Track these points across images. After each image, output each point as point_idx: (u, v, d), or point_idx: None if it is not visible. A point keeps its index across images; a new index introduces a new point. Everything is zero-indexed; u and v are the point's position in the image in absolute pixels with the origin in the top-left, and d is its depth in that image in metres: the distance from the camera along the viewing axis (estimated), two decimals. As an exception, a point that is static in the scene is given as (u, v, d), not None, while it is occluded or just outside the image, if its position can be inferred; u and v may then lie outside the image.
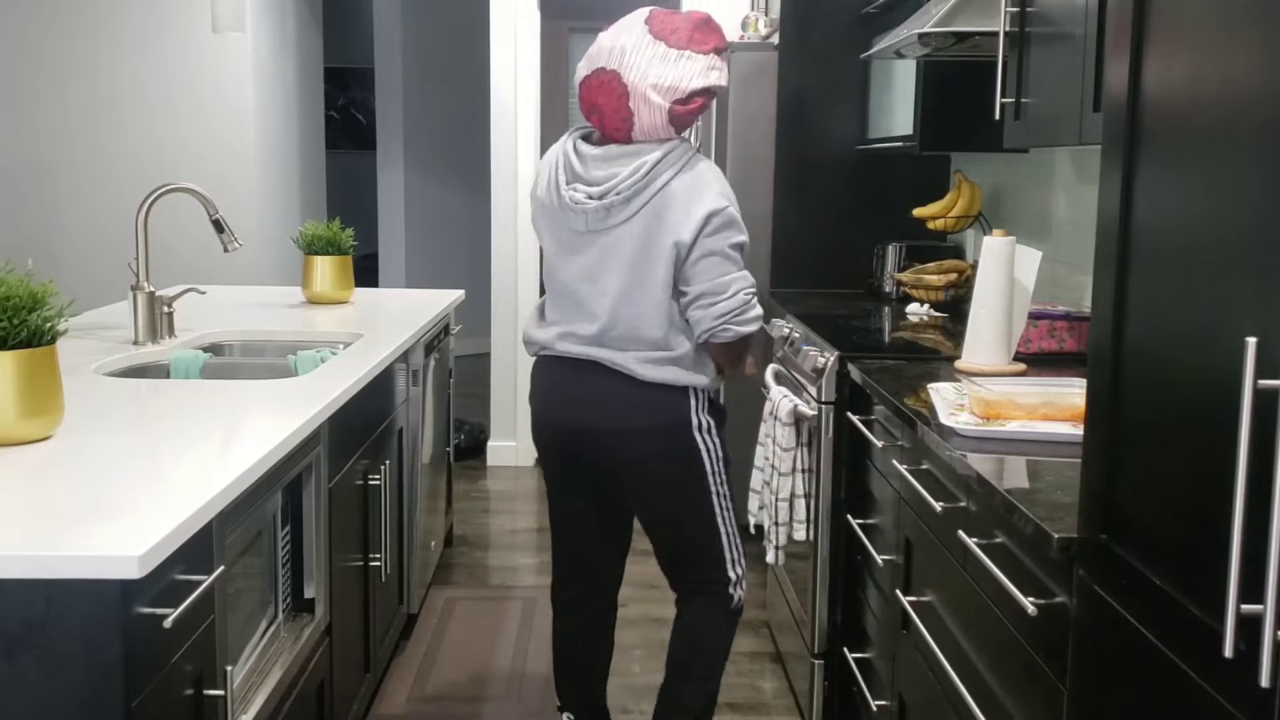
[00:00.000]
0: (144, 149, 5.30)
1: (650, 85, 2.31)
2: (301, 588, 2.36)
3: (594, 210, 2.35)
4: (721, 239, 2.33)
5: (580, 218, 2.37)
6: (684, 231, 2.31)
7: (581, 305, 2.42)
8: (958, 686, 1.89)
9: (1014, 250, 2.59)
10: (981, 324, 2.60)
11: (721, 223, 2.32)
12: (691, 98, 2.34)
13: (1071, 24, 2.21)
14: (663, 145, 2.35)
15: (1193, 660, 1.16)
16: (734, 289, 2.35)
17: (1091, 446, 1.42)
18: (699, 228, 2.31)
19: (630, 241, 2.35)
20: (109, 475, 1.74)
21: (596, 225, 2.36)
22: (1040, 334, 2.78)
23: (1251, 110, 1.09)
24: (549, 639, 3.52)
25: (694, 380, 2.41)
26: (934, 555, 2.13)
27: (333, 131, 8.52)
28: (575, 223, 2.39)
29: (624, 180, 2.32)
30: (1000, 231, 2.61)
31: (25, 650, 1.43)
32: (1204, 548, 1.15)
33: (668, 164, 2.33)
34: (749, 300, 2.38)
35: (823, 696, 2.97)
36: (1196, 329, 1.18)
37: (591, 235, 2.39)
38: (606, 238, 2.37)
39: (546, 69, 5.45)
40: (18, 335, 1.86)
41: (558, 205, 2.40)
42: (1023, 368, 2.60)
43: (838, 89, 4.21)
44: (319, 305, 3.70)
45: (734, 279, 2.35)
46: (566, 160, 2.42)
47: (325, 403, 2.30)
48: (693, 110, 2.34)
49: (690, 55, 2.33)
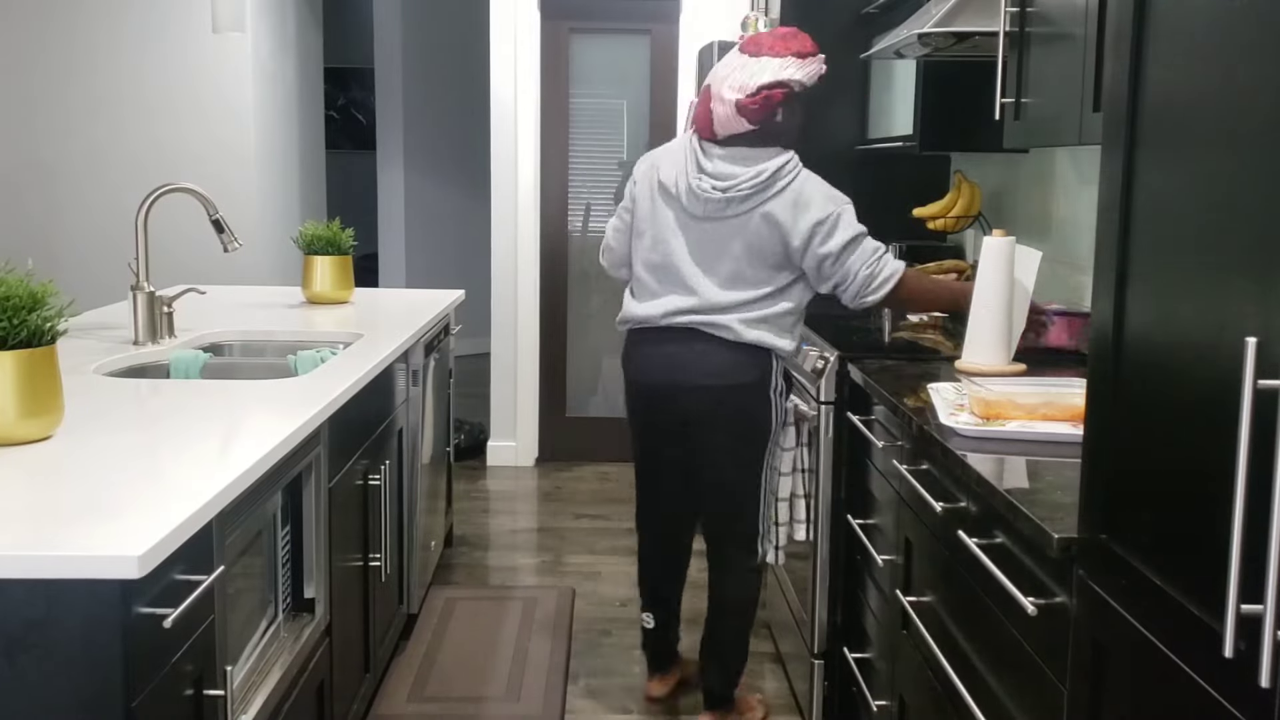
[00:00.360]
0: (144, 149, 5.30)
1: (726, 86, 2.73)
2: (301, 588, 2.36)
3: (717, 200, 2.74)
4: (834, 243, 2.72)
5: (701, 204, 2.76)
6: (795, 239, 2.72)
7: (684, 281, 2.80)
8: (958, 686, 1.89)
9: (1014, 250, 2.60)
10: (982, 324, 2.61)
11: (829, 229, 2.71)
12: (759, 91, 2.69)
13: (1071, 24, 2.21)
14: (780, 155, 2.75)
15: (1193, 660, 1.16)
16: (853, 273, 2.73)
17: (1091, 446, 1.42)
18: (808, 237, 2.71)
19: (743, 233, 2.75)
20: (109, 475, 1.74)
21: (714, 213, 2.76)
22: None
23: (1251, 109, 1.09)
24: (549, 639, 3.53)
25: (777, 343, 2.79)
26: (934, 555, 2.14)
27: (333, 131, 8.51)
28: (694, 208, 2.78)
29: (745, 180, 2.71)
30: (1000, 232, 2.63)
31: (25, 650, 1.43)
32: (1204, 548, 1.15)
33: (783, 174, 2.73)
34: (871, 274, 2.74)
35: (823, 696, 2.97)
36: (1196, 329, 1.18)
37: (705, 221, 2.78)
38: (720, 225, 2.76)
39: (546, 69, 5.44)
40: (18, 335, 1.86)
41: (684, 190, 2.79)
42: (1023, 368, 2.60)
43: (837, 89, 4.21)
44: (319, 305, 3.70)
45: (851, 264, 2.73)
46: (694, 153, 2.80)
47: (325, 403, 2.30)
48: (758, 102, 2.69)
49: (765, 60, 2.73)
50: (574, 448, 5.64)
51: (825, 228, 2.70)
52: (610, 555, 4.34)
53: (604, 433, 5.63)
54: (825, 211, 2.70)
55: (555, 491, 5.17)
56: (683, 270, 2.80)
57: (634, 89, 5.50)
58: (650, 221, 2.85)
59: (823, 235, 2.70)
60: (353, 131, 9.37)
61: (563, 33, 5.44)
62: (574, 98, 5.50)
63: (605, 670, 3.39)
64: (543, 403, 5.60)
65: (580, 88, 5.51)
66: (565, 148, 5.50)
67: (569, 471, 5.49)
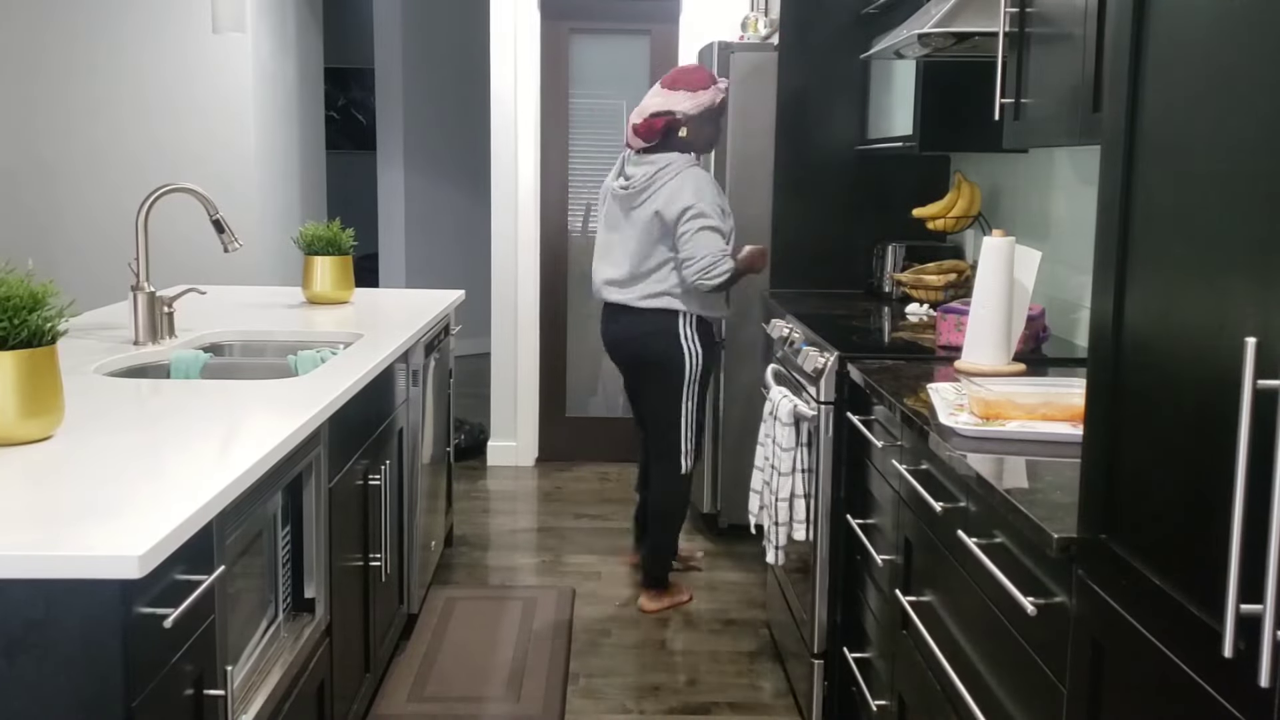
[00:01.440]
0: (144, 149, 5.30)
1: (635, 111, 3.70)
2: (302, 588, 2.36)
3: (624, 196, 3.71)
4: (693, 225, 3.56)
5: (618, 201, 3.74)
6: (669, 217, 3.60)
7: (613, 259, 3.77)
8: (957, 686, 1.90)
9: (1014, 250, 2.60)
10: (981, 324, 2.60)
11: (694, 214, 3.56)
12: (653, 118, 3.64)
13: (1071, 24, 2.21)
14: (666, 158, 3.64)
15: (1192, 660, 1.16)
16: (698, 257, 3.55)
17: (1091, 446, 1.42)
18: (678, 218, 3.58)
19: (641, 222, 3.66)
20: (109, 475, 1.74)
21: (626, 207, 3.71)
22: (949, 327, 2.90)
23: (1251, 109, 1.10)
24: (549, 638, 3.53)
25: (678, 305, 3.66)
26: (933, 555, 2.14)
27: (333, 132, 8.51)
28: (615, 204, 3.76)
29: (639, 179, 3.66)
30: (1000, 232, 2.61)
31: (25, 650, 1.43)
32: (1203, 547, 1.15)
33: (668, 172, 3.62)
34: (711, 264, 3.55)
35: (822, 696, 2.97)
36: (1196, 329, 1.18)
37: (625, 212, 3.72)
38: (630, 216, 3.70)
39: (546, 69, 5.44)
40: (18, 335, 1.86)
41: (611, 190, 3.78)
42: (1022, 367, 2.61)
43: (837, 89, 4.21)
44: (319, 305, 3.70)
45: (701, 252, 3.55)
46: (621, 162, 3.81)
47: (325, 403, 2.30)
48: (644, 126, 3.64)
49: (661, 92, 3.68)
50: (574, 448, 5.64)
51: (691, 213, 3.54)
52: (610, 555, 4.34)
53: (604, 433, 5.63)
54: (692, 201, 3.55)
55: (555, 491, 5.17)
56: (611, 254, 3.77)
57: (634, 89, 5.50)
58: (600, 218, 3.87)
59: (688, 217, 3.55)
60: (353, 132, 9.37)
61: (563, 33, 5.44)
62: (574, 98, 5.50)
63: (605, 670, 3.39)
64: (543, 403, 5.60)
65: (580, 88, 5.52)
66: (565, 148, 5.50)
67: (569, 471, 5.49)
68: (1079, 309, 3.01)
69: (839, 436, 2.88)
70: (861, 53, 3.91)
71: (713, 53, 4.42)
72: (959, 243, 4.01)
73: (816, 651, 2.96)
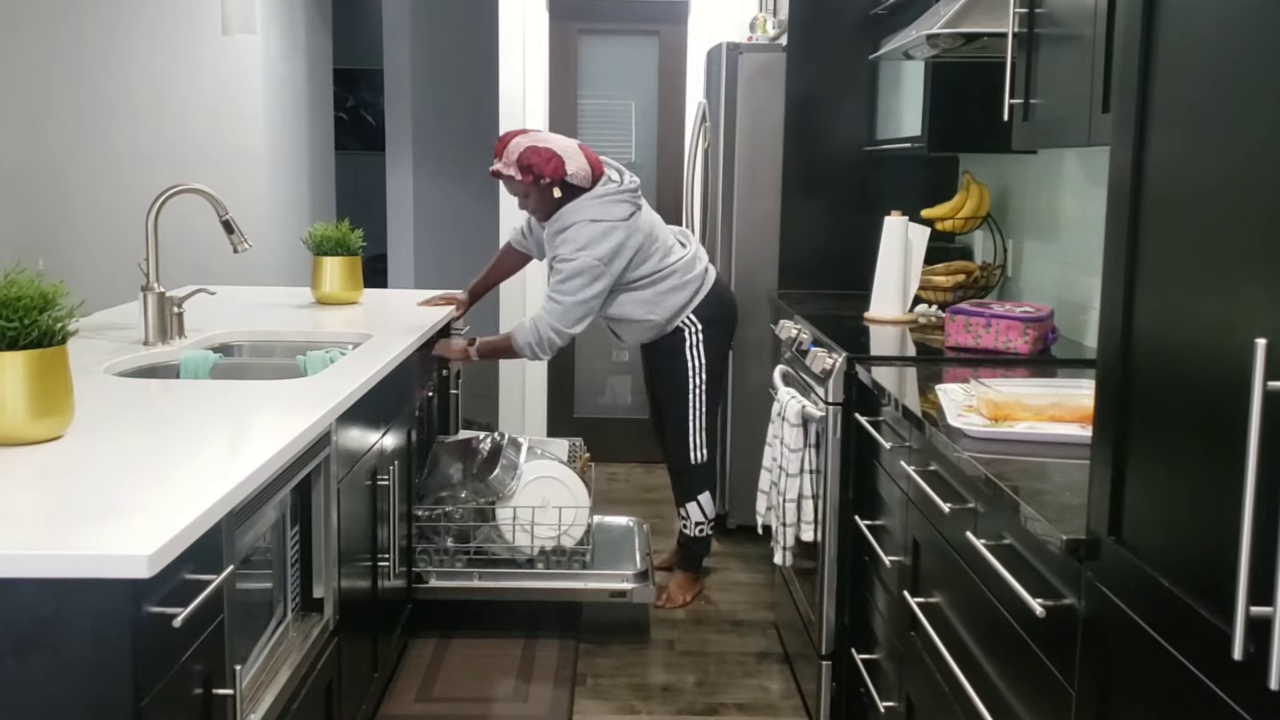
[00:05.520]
0: (154, 150, 5.31)
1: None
2: (310, 587, 2.36)
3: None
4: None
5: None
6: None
7: None
8: (965, 688, 1.89)
9: (907, 227, 3.42)
10: (884, 284, 3.44)
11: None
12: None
13: (1081, 25, 2.21)
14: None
15: (1202, 662, 1.16)
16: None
17: (1100, 448, 1.42)
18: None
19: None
20: (119, 475, 1.74)
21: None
22: (957, 328, 2.92)
23: (1261, 109, 1.09)
24: (557, 640, 3.53)
25: (652, 318, 3.92)
26: (942, 556, 2.13)
27: (342, 133, 8.53)
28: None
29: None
30: (897, 212, 3.44)
31: (35, 649, 1.44)
32: (1213, 549, 1.14)
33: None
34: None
35: (830, 697, 2.97)
36: (1206, 330, 1.18)
37: None
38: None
39: (555, 70, 5.45)
40: (29, 335, 1.87)
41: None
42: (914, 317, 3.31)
43: (846, 90, 4.21)
44: (328, 306, 3.71)
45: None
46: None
47: (334, 403, 2.30)
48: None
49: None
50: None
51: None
52: (618, 556, 4.34)
53: (611, 433, 5.63)
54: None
55: (563, 492, 5.17)
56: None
57: (642, 90, 5.51)
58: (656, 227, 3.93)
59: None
60: (362, 133, 9.39)
61: (571, 34, 5.44)
62: (582, 99, 5.50)
63: (613, 671, 3.40)
64: (550, 403, 5.60)
65: (589, 89, 5.52)
66: (574, 149, 5.49)
67: (577, 472, 5.48)
68: (1088, 310, 3.00)
69: (847, 437, 2.87)
70: (870, 53, 3.91)
71: (721, 54, 4.42)
72: (967, 244, 4.01)
73: (824, 653, 2.95)
